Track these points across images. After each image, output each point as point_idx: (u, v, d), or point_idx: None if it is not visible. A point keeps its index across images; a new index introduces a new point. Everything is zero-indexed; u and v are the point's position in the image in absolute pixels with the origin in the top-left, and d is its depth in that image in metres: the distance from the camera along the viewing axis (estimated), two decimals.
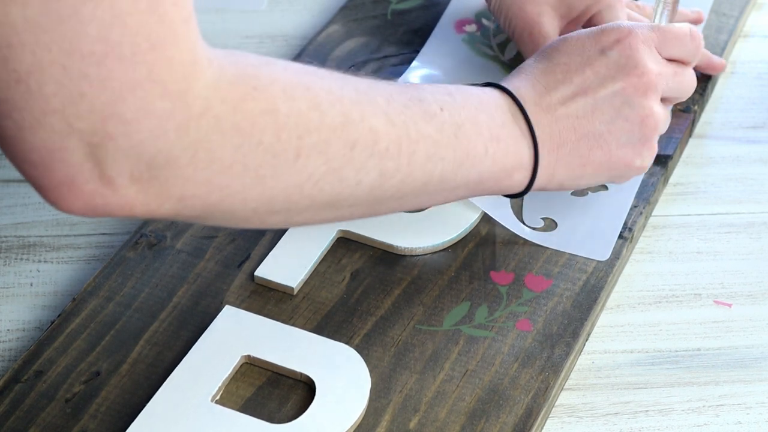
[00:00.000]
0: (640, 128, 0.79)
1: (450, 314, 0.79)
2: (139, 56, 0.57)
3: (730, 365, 0.79)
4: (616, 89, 0.78)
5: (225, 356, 0.75)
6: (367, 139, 0.67)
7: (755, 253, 0.87)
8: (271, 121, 0.63)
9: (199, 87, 0.60)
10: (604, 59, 0.79)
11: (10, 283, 0.84)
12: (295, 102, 0.64)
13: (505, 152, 0.75)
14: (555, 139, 0.77)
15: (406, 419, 0.73)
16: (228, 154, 0.62)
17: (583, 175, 0.79)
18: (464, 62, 0.98)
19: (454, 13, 1.02)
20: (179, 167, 0.60)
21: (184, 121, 0.59)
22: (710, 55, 0.97)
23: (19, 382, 0.75)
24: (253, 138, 0.62)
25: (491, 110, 0.76)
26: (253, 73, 0.63)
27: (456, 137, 0.72)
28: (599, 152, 0.79)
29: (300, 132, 0.64)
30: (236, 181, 0.63)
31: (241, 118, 0.62)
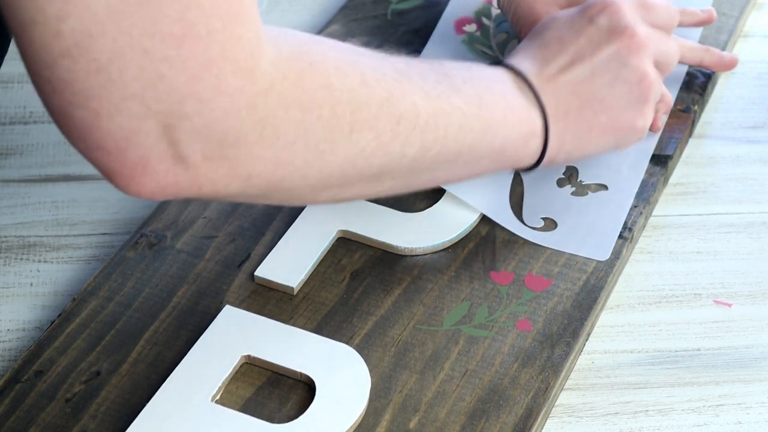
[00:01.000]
0: (639, 88, 0.82)
1: (450, 314, 0.79)
2: (213, 35, 0.58)
3: (730, 365, 0.79)
4: (610, 52, 0.81)
5: (225, 356, 0.75)
6: (410, 113, 0.70)
7: (755, 253, 0.87)
8: (327, 96, 0.65)
9: (264, 64, 0.61)
10: (594, 27, 0.82)
11: (10, 283, 0.84)
12: (347, 78, 0.66)
13: (520, 119, 0.78)
14: (561, 107, 0.80)
15: (406, 419, 0.73)
16: (291, 130, 0.63)
17: (590, 140, 0.82)
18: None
19: (454, 12, 1.02)
20: (248, 145, 0.62)
21: (252, 98, 0.61)
22: (721, 53, 0.96)
23: (19, 382, 0.75)
24: (313, 113, 0.64)
25: (502, 83, 0.79)
26: (306, 50, 0.65)
27: (480, 107, 0.75)
28: (603, 115, 0.81)
29: (353, 107, 0.66)
30: (299, 157, 0.65)
31: (301, 93, 0.63)
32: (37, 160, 0.93)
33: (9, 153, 0.94)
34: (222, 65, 0.59)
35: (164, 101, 0.59)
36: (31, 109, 0.97)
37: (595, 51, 0.81)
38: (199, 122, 0.60)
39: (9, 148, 0.94)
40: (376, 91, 0.68)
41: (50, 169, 0.92)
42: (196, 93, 0.59)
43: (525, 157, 0.80)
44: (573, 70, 0.81)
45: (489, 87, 0.77)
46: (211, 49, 0.59)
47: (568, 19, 0.83)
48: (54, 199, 0.90)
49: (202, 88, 0.59)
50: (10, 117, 0.97)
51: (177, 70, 0.58)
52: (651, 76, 0.82)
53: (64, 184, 0.91)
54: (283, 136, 0.63)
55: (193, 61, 0.58)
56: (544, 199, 0.86)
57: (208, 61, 0.59)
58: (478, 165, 0.78)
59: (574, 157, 0.82)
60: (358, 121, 0.67)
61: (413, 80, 0.72)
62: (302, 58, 0.65)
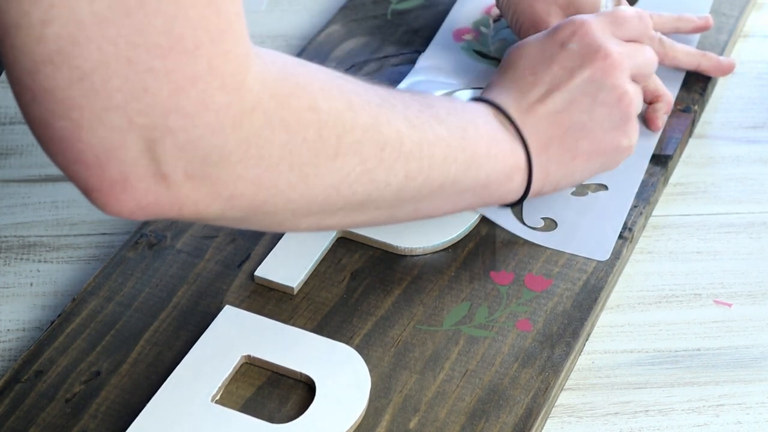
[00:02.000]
0: (619, 107, 0.81)
1: (450, 314, 0.79)
2: (200, 49, 0.57)
3: (730, 365, 0.79)
4: (585, 77, 0.81)
5: (225, 356, 0.75)
6: (395, 140, 0.69)
7: (755, 253, 0.87)
8: (314, 118, 0.64)
9: (251, 81, 0.60)
10: (565, 53, 0.81)
11: (10, 283, 0.84)
12: (333, 101, 0.66)
13: (505, 153, 0.77)
14: (541, 138, 0.79)
15: (406, 419, 0.73)
16: (276, 151, 0.62)
17: (575, 169, 0.81)
18: (463, 65, 0.98)
19: (453, 23, 1.02)
20: (231, 164, 0.61)
21: (238, 115, 0.60)
22: (718, 58, 0.97)
23: (19, 382, 0.75)
24: (299, 134, 0.63)
25: (484, 117, 0.78)
26: (293, 71, 0.64)
27: (463, 139, 0.74)
28: (586, 141, 0.81)
29: (339, 131, 0.66)
30: (282, 179, 0.64)
31: (287, 114, 0.63)
32: (37, 160, 0.93)
33: (9, 153, 0.94)
34: (208, 80, 0.58)
35: (148, 114, 0.57)
36: None
37: (570, 77, 0.81)
38: (182, 138, 0.58)
39: (9, 148, 0.94)
40: (362, 117, 0.67)
41: (50, 169, 0.92)
42: (180, 107, 0.58)
43: (509, 191, 0.79)
44: (550, 100, 0.80)
45: (472, 120, 0.77)
46: (198, 63, 0.57)
47: (539, 45, 0.82)
48: (54, 199, 0.90)
49: (187, 102, 0.58)
50: (10, 117, 0.97)
51: (162, 83, 0.57)
52: (630, 93, 0.81)
53: (64, 184, 0.91)
54: (268, 157, 0.62)
55: (178, 74, 0.57)
56: (544, 199, 0.86)
57: (194, 75, 0.58)
58: (461, 199, 0.77)
59: (562, 185, 0.82)
60: (344, 145, 0.66)
61: (397, 108, 0.71)
62: (289, 79, 0.64)
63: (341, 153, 0.66)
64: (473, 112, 0.78)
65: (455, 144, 0.74)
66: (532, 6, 0.92)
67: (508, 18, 0.94)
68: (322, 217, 0.69)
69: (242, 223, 0.66)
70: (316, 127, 0.64)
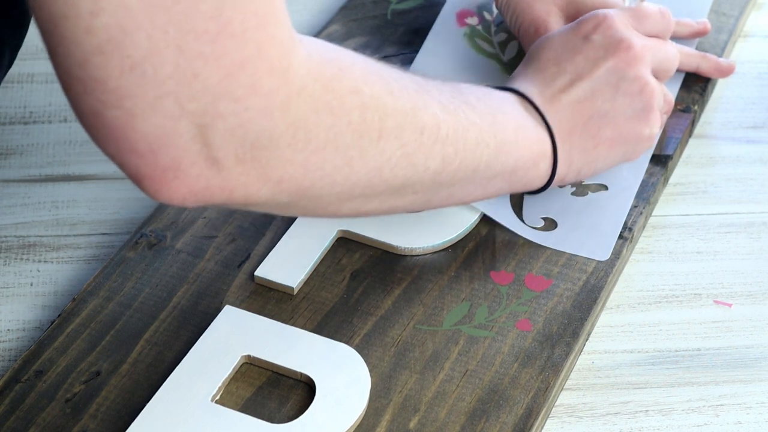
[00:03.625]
0: (641, 98, 0.83)
1: (450, 314, 0.79)
2: (248, 33, 0.58)
3: (730, 365, 0.79)
4: (608, 67, 0.82)
5: (225, 356, 0.75)
6: (432, 125, 0.70)
7: (755, 253, 0.87)
8: (357, 101, 0.65)
9: (296, 65, 0.61)
10: (589, 44, 0.83)
11: (10, 283, 0.84)
12: (374, 86, 0.67)
13: (531, 140, 0.79)
14: (565, 126, 0.81)
15: (406, 419, 0.73)
16: (322, 134, 0.63)
17: (597, 156, 0.83)
18: (465, 61, 0.97)
19: (456, 4, 1.02)
20: (280, 147, 0.61)
21: (286, 99, 0.60)
22: (718, 59, 0.97)
23: (19, 382, 0.75)
24: (343, 118, 0.64)
25: (511, 104, 0.80)
26: (335, 56, 0.65)
27: (493, 124, 0.76)
28: (608, 129, 0.82)
29: (380, 114, 0.66)
30: (328, 162, 0.64)
31: (332, 97, 0.63)
32: (37, 160, 0.93)
33: (9, 153, 0.94)
34: (257, 64, 0.58)
35: (199, 100, 0.58)
36: (31, 109, 0.97)
37: (593, 68, 0.82)
38: (233, 122, 0.59)
39: (9, 148, 0.94)
40: (401, 101, 0.68)
41: (50, 169, 0.92)
42: (230, 92, 0.58)
43: (535, 178, 0.81)
44: (573, 89, 0.82)
45: (500, 107, 0.78)
46: (246, 48, 0.58)
47: (562, 38, 0.84)
48: (54, 199, 0.90)
49: (236, 86, 0.58)
50: (10, 117, 0.97)
51: (212, 68, 0.57)
52: (651, 84, 0.83)
53: (64, 184, 0.91)
54: (314, 140, 0.63)
55: (228, 58, 0.58)
56: (544, 199, 0.86)
57: (243, 60, 0.58)
58: (491, 184, 0.78)
59: (585, 173, 0.83)
60: (386, 128, 0.67)
61: (432, 93, 0.72)
62: (332, 63, 0.64)
63: (383, 136, 0.67)
64: (501, 99, 0.79)
65: (486, 129, 0.75)
66: (531, 6, 0.92)
67: (507, 18, 0.94)
68: (364, 200, 0.70)
69: (288, 208, 0.67)
70: (360, 110, 0.65)
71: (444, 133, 0.71)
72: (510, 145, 0.77)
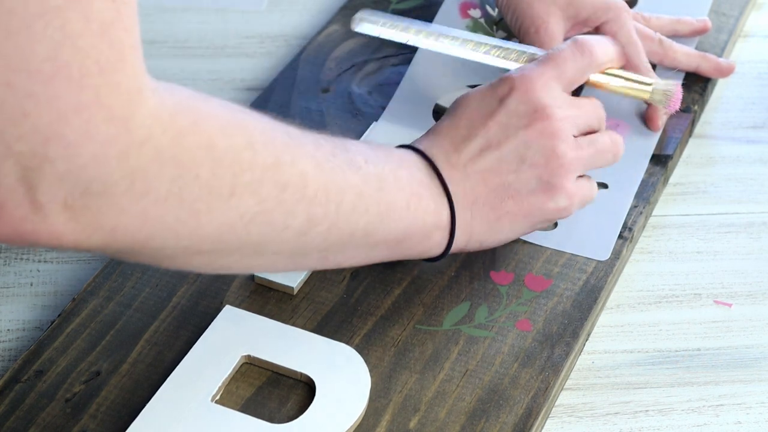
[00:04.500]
0: (546, 170, 0.78)
1: (450, 314, 0.79)
2: (87, 78, 0.56)
3: (730, 365, 0.79)
4: (520, 137, 0.78)
5: (225, 356, 0.75)
6: (297, 182, 0.67)
7: (755, 253, 0.87)
8: (208, 156, 0.62)
9: (142, 115, 0.58)
10: (503, 109, 0.79)
11: (10, 283, 0.84)
12: (231, 139, 0.64)
13: (426, 209, 0.75)
14: (468, 196, 0.78)
15: (406, 419, 0.73)
16: (165, 186, 0.60)
17: (501, 228, 0.79)
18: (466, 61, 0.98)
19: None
20: (114, 196, 0.59)
21: (125, 148, 0.58)
22: (718, 59, 0.97)
23: (19, 382, 0.75)
24: (191, 171, 0.61)
25: (411, 168, 0.76)
26: (193, 107, 0.62)
27: (380, 190, 0.72)
28: (510, 202, 0.78)
29: (235, 169, 0.63)
30: (171, 214, 0.61)
31: (180, 150, 0.61)
32: None
33: None
34: (94, 110, 0.56)
35: (27, 141, 0.55)
36: None
37: (505, 137, 0.78)
38: (62, 167, 0.56)
39: None
40: (262, 155, 0.65)
41: None
42: (62, 135, 0.56)
43: (427, 249, 0.77)
44: (481, 159, 0.78)
45: (394, 170, 0.74)
46: (83, 93, 0.56)
47: (480, 97, 0.80)
48: None
49: (69, 131, 0.56)
50: None
51: (42, 109, 0.55)
52: (559, 156, 0.78)
53: None
54: (155, 191, 0.60)
55: (61, 102, 0.55)
56: None
57: (78, 105, 0.56)
58: (375, 251, 0.75)
59: (488, 243, 0.80)
60: (240, 184, 0.64)
61: (305, 148, 0.68)
62: (186, 115, 0.62)
63: (236, 192, 0.64)
64: (398, 163, 0.75)
65: (369, 194, 0.71)
66: (531, 7, 0.92)
67: (507, 18, 0.95)
68: (216, 256, 0.66)
69: (129, 256, 0.64)
70: (210, 165, 0.62)
71: (312, 191, 0.68)
72: (397, 213, 0.73)
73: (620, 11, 0.93)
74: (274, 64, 1.02)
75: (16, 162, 0.56)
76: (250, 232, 0.65)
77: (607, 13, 0.93)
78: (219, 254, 0.66)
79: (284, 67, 0.99)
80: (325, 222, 0.69)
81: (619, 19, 0.93)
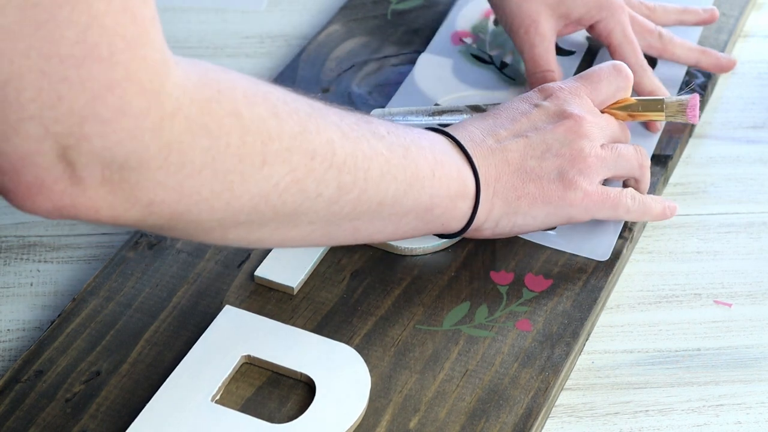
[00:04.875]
0: (569, 163, 0.80)
1: (450, 314, 0.79)
2: (116, 56, 0.57)
3: (730, 365, 0.79)
4: (548, 130, 0.80)
5: (225, 356, 0.75)
6: (326, 150, 0.68)
7: (755, 253, 0.87)
8: (236, 124, 0.63)
9: (170, 86, 0.60)
10: (537, 110, 0.82)
11: (10, 283, 0.84)
12: (256, 108, 0.64)
13: (450, 177, 0.76)
14: (491, 172, 0.79)
15: (406, 419, 0.73)
16: (198, 157, 0.61)
17: (518, 208, 0.80)
18: (461, 69, 0.98)
19: (452, 25, 1.02)
20: (151, 170, 0.60)
21: (158, 121, 0.59)
22: (718, 54, 0.97)
23: (19, 382, 0.75)
24: (221, 140, 0.62)
25: (433, 140, 0.77)
26: (215, 77, 0.63)
27: (405, 158, 0.73)
28: (532, 185, 0.79)
29: (263, 137, 0.64)
30: (206, 186, 0.62)
31: (209, 119, 0.61)
32: None
33: None
34: (126, 86, 0.57)
35: (63, 122, 0.57)
36: None
37: (534, 130, 0.80)
38: (99, 144, 0.58)
39: None
40: (288, 124, 0.66)
41: None
42: (97, 114, 0.57)
43: (453, 219, 0.78)
44: (507, 142, 0.80)
45: (416, 141, 0.75)
46: (114, 70, 0.57)
47: (514, 104, 0.83)
48: None
49: (103, 109, 0.57)
50: None
51: (77, 92, 0.56)
52: (586, 158, 0.80)
53: None
54: (190, 163, 0.61)
55: (94, 82, 0.57)
56: None
57: (110, 82, 0.57)
58: (403, 221, 0.75)
59: (503, 225, 0.80)
60: (270, 152, 0.65)
61: (329, 118, 0.69)
62: (210, 85, 0.62)
63: (268, 161, 0.65)
64: (419, 134, 0.76)
65: (395, 161, 0.72)
66: (520, 7, 0.92)
67: (498, 16, 0.94)
68: (252, 228, 0.67)
69: (166, 230, 0.65)
70: (239, 133, 0.63)
71: (340, 159, 0.68)
72: (424, 181, 0.74)
73: (615, 9, 0.93)
74: (274, 64, 1.02)
75: (55, 141, 0.57)
76: (285, 201, 0.66)
77: (600, 11, 0.93)
78: (255, 226, 0.67)
79: (284, 67, 1.00)
80: (354, 189, 0.70)
81: (613, 17, 0.93)
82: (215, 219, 0.65)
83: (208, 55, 1.03)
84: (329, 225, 0.71)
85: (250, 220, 0.66)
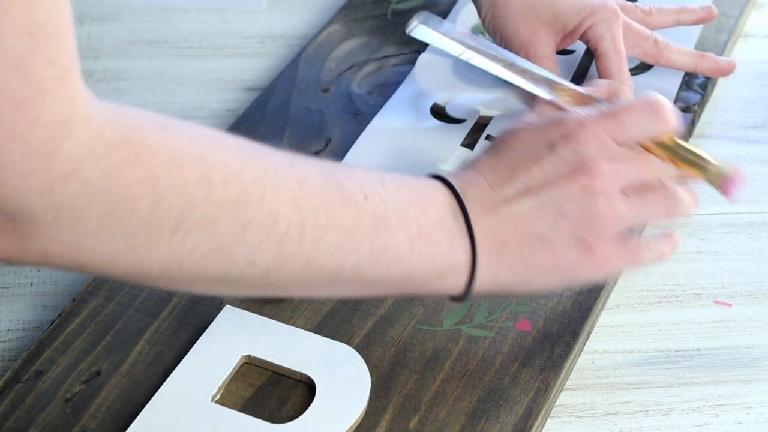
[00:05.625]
0: (583, 227, 0.71)
1: (450, 314, 0.79)
2: (2, 116, 0.55)
3: (730, 365, 0.79)
4: (561, 188, 0.71)
5: (225, 356, 0.75)
6: (264, 220, 0.64)
7: (755, 253, 0.87)
8: (148, 191, 0.60)
9: (68, 148, 0.57)
10: (551, 156, 0.71)
11: (10, 283, 0.84)
12: (181, 173, 0.61)
13: (436, 252, 0.69)
14: (497, 240, 0.71)
15: (406, 419, 0.73)
16: (95, 220, 0.59)
17: (530, 279, 0.72)
18: (461, 69, 0.98)
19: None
20: (41, 225, 0.58)
21: (47, 182, 0.57)
22: (717, 59, 0.96)
23: (19, 382, 0.75)
24: (126, 205, 0.59)
25: (427, 206, 0.70)
26: (139, 138, 0.60)
27: (376, 230, 0.68)
28: (544, 256, 0.71)
29: (183, 204, 0.61)
30: (105, 246, 0.60)
31: (114, 183, 0.59)
32: None
33: None
34: (10, 146, 0.55)
35: None
36: None
37: (546, 185, 0.71)
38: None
39: None
40: (220, 192, 0.62)
41: None
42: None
43: (442, 289, 0.71)
44: (518, 203, 0.71)
45: (401, 209, 0.69)
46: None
47: (528, 137, 0.73)
48: None
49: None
50: None
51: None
52: (603, 215, 0.71)
53: None
54: (85, 224, 0.59)
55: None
56: None
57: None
58: (372, 288, 0.70)
59: (516, 290, 0.73)
60: (187, 220, 0.61)
61: (284, 184, 0.65)
62: (128, 147, 0.59)
63: (182, 228, 0.61)
64: (411, 199, 0.70)
65: (361, 233, 0.67)
66: (517, 31, 0.91)
67: (496, 41, 0.93)
68: (173, 283, 0.65)
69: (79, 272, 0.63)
70: (150, 199, 0.60)
71: (282, 230, 0.64)
72: (396, 255, 0.68)
73: (607, 15, 0.91)
74: (274, 64, 1.02)
75: None
76: (205, 266, 0.63)
77: (592, 17, 0.91)
78: (175, 282, 0.64)
79: (284, 67, 0.99)
80: (299, 259, 0.66)
81: (604, 23, 0.91)
82: (122, 273, 0.62)
83: (208, 55, 1.03)
84: (272, 287, 0.68)
85: (167, 277, 0.64)
